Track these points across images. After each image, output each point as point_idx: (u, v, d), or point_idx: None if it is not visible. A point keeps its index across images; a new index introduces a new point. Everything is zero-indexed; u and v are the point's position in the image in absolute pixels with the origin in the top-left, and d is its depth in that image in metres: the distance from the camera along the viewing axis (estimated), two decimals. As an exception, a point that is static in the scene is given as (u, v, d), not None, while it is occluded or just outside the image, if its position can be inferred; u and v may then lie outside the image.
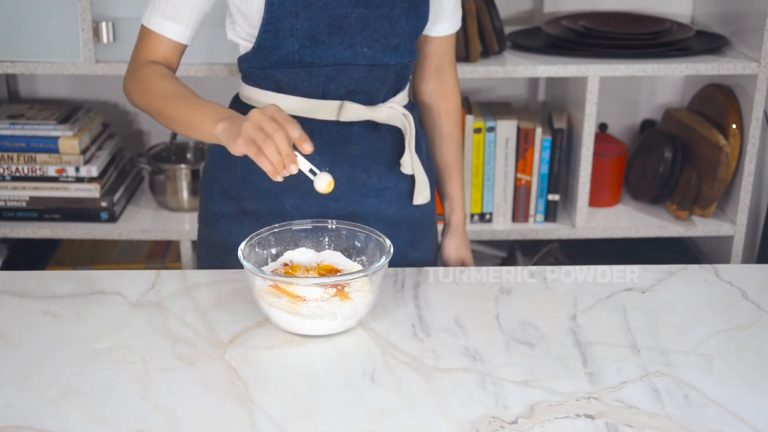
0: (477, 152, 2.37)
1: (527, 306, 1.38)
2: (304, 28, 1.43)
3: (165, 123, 1.46)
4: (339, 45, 1.45)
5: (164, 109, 1.44)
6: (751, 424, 1.11)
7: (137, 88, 1.48)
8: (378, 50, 1.48)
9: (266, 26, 1.43)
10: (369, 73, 1.49)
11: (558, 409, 1.14)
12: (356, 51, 1.46)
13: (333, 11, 1.43)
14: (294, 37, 1.44)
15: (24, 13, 2.16)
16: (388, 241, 1.36)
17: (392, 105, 1.54)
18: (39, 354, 1.24)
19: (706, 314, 1.37)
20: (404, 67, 1.54)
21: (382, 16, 1.46)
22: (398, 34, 1.49)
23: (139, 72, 1.48)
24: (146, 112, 1.49)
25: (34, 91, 2.60)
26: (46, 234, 2.33)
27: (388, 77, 1.52)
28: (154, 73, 1.47)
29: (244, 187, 1.55)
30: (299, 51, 1.45)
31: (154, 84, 1.45)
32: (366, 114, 1.51)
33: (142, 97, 1.47)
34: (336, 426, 1.10)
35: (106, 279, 1.44)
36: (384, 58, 1.49)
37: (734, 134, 2.33)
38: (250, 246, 1.36)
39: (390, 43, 1.48)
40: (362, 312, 1.30)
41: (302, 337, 1.28)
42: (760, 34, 2.23)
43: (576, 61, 2.26)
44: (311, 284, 1.29)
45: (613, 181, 2.50)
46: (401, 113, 1.54)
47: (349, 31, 1.45)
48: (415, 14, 1.50)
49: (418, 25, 1.52)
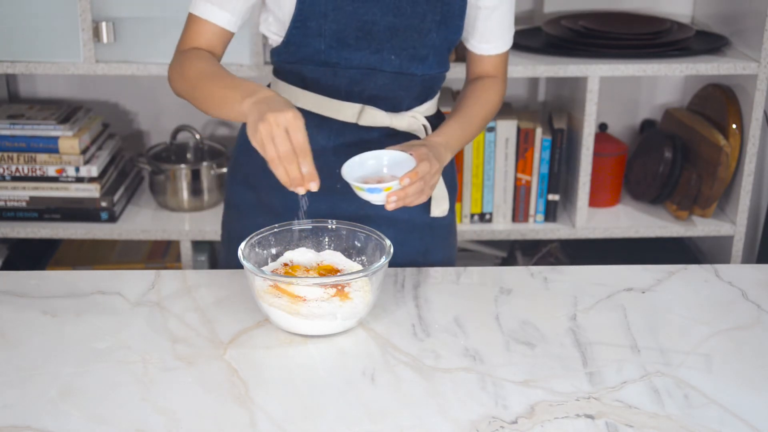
0: (477, 152, 2.37)
1: (527, 306, 1.38)
2: (332, 29, 1.43)
3: (200, 106, 1.40)
4: (366, 49, 1.45)
5: (197, 91, 1.39)
6: (751, 424, 1.11)
7: (177, 74, 1.43)
8: (405, 59, 1.47)
9: (295, 23, 1.44)
10: (394, 81, 1.48)
11: (558, 409, 1.14)
12: (383, 57, 1.46)
13: (362, 17, 1.43)
14: (321, 37, 1.44)
15: (24, 13, 2.16)
16: (387, 241, 1.36)
17: (414, 114, 1.53)
18: (39, 354, 1.24)
19: (706, 314, 1.37)
20: (432, 78, 1.52)
21: (412, 27, 1.45)
22: (427, 45, 1.47)
23: (181, 58, 1.44)
24: (186, 99, 1.43)
25: (34, 91, 2.60)
26: (46, 234, 2.33)
27: (414, 86, 1.50)
28: (193, 56, 1.43)
29: (262, 176, 1.52)
30: (326, 51, 1.45)
31: (191, 65, 1.41)
32: (386, 120, 1.50)
33: (180, 81, 1.42)
34: (336, 426, 1.10)
35: (106, 279, 1.44)
36: (410, 68, 1.48)
37: (734, 134, 2.33)
38: (250, 246, 1.36)
39: (418, 54, 1.47)
40: (362, 312, 1.30)
41: (302, 337, 1.28)
42: (760, 34, 2.23)
43: (576, 61, 2.26)
44: (311, 284, 1.29)
45: (613, 181, 2.50)
46: (422, 123, 1.53)
47: (377, 38, 1.44)
48: (447, 27, 1.48)
49: (450, 38, 1.50)
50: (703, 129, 2.38)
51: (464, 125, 1.52)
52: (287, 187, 1.27)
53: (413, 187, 1.35)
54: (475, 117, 1.55)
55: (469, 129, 1.54)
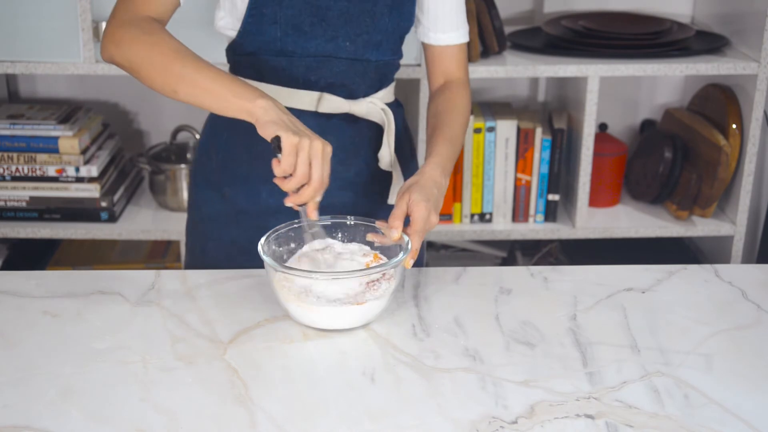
0: (477, 152, 2.37)
1: (527, 306, 1.38)
2: (287, 15, 1.45)
3: (170, 81, 1.34)
4: (321, 36, 1.47)
5: (176, 66, 1.34)
6: (751, 424, 1.11)
7: (139, 38, 1.36)
8: (360, 45, 1.49)
9: (251, 11, 1.45)
10: (350, 67, 1.51)
11: (558, 409, 1.14)
12: (338, 44, 1.48)
13: (316, 2, 1.45)
14: (277, 24, 1.45)
15: (24, 13, 2.16)
16: (406, 237, 1.35)
17: (373, 100, 1.55)
18: (39, 354, 1.24)
19: (706, 314, 1.37)
20: (386, 64, 1.55)
21: (365, 12, 1.48)
22: (380, 30, 1.50)
23: (141, 23, 1.38)
24: (143, 66, 1.36)
25: (34, 91, 2.60)
26: (46, 234, 2.33)
27: (369, 73, 1.53)
28: (164, 29, 1.39)
29: (223, 173, 1.57)
30: (281, 39, 1.46)
31: (168, 38, 1.36)
32: (345, 107, 1.52)
33: (146, 48, 1.35)
34: (336, 426, 1.10)
35: (106, 279, 1.44)
36: (365, 54, 1.50)
37: (734, 134, 2.33)
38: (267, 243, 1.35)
39: (372, 39, 1.50)
40: (387, 300, 1.31)
41: (302, 337, 1.28)
42: (760, 34, 2.23)
43: (576, 61, 2.26)
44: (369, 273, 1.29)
45: (613, 181, 2.50)
46: (380, 108, 1.55)
47: (332, 24, 1.47)
48: (399, 13, 1.51)
49: (402, 25, 1.53)
50: (703, 129, 2.38)
51: (453, 142, 1.53)
52: (289, 202, 1.32)
53: (417, 241, 1.36)
54: (458, 130, 1.55)
55: (458, 144, 1.54)
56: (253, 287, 1.41)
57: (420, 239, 1.36)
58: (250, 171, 1.54)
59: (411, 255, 1.34)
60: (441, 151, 1.49)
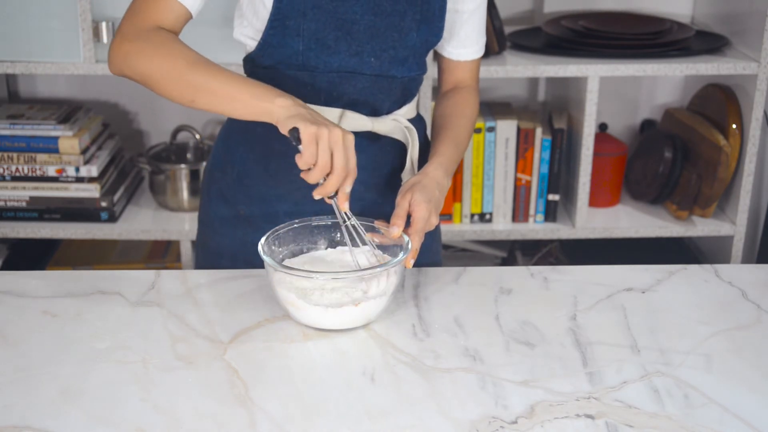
0: (477, 152, 2.37)
1: (527, 306, 1.38)
2: (310, 29, 1.40)
3: (186, 92, 1.33)
4: (345, 51, 1.42)
5: (192, 75, 1.32)
6: (751, 424, 1.11)
7: (151, 50, 1.34)
8: (385, 61, 1.45)
9: (273, 22, 1.40)
10: (374, 84, 1.46)
11: (558, 409, 1.14)
12: (362, 60, 1.43)
13: (342, 15, 1.40)
14: (300, 37, 1.41)
15: (24, 13, 2.16)
16: (406, 237, 1.35)
17: (396, 117, 1.50)
18: (39, 354, 1.24)
19: (706, 314, 1.37)
20: (411, 80, 1.50)
21: (392, 26, 1.43)
22: (407, 46, 1.45)
23: (151, 35, 1.35)
24: (156, 78, 1.34)
25: (34, 91, 2.60)
26: (46, 234, 2.33)
27: (394, 89, 1.48)
28: (176, 39, 1.36)
29: (239, 189, 1.53)
30: (304, 53, 1.42)
31: (180, 48, 1.34)
32: (368, 125, 1.47)
33: (160, 59, 1.34)
34: (336, 426, 1.10)
35: (106, 279, 1.44)
36: (390, 70, 1.46)
37: (734, 134, 2.33)
38: (268, 243, 1.35)
39: (398, 55, 1.45)
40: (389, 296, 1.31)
41: (302, 337, 1.28)
42: (760, 34, 2.23)
43: (576, 61, 2.26)
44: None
45: (613, 181, 2.50)
46: (404, 126, 1.51)
47: (357, 38, 1.42)
48: (428, 28, 1.46)
49: (430, 40, 1.48)
50: (703, 129, 2.38)
51: (458, 145, 1.52)
52: (317, 195, 1.29)
53: (417, 240, 1.36)
54: (464, 135, 1.55)
55: (463, 147, 1.53)
56: (253, 287, 1.41)
57: (420, 239, 1.36)
58: (267, 190, 1.50)
59: (411, 255, 1.34)
60: (445, 152, 1.48)
